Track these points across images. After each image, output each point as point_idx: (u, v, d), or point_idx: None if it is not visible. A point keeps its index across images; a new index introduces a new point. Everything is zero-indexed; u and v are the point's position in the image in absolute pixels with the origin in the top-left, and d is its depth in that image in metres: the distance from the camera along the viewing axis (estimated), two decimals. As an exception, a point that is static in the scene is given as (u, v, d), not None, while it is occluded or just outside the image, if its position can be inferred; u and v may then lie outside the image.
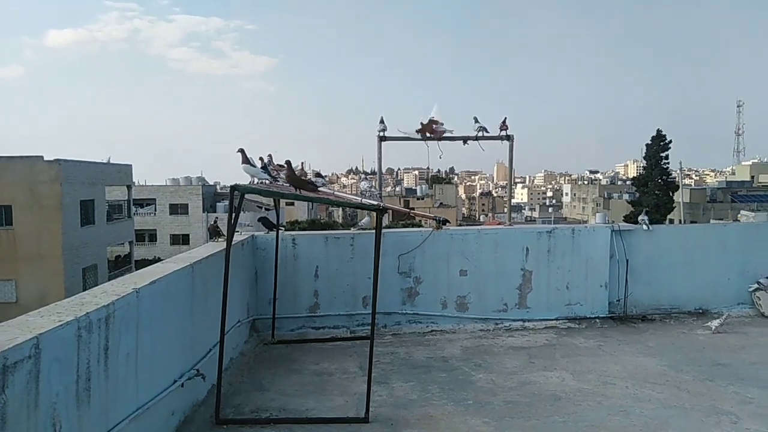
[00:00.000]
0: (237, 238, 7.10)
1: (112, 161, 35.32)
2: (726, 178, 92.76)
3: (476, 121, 8.44)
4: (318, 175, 6.07)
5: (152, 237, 52.70)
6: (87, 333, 3.10)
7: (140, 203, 50.95)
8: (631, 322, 7.91)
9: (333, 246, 7.74)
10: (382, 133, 7.95)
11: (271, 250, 7.43)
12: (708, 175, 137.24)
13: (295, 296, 7.62)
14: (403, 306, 7.73)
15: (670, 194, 58.31)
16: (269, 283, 7.39)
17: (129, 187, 36.11)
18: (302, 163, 6.68)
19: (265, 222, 7.54)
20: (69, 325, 2.93)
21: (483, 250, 7.81)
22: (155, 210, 53.63)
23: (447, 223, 7.91)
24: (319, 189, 6.45)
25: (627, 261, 7.97)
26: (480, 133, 8.31)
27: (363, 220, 8.22)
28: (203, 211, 53.66)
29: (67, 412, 2.90)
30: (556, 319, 7.86)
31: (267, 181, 5.91)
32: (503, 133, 7.97)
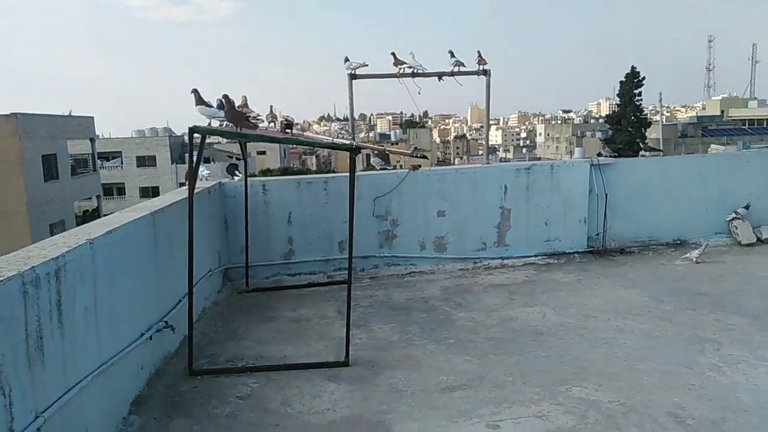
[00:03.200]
0: (203, 185, 6.77)
1: (72, 114, 33.97)
2: (696, 113, 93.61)
3: (452, 55, 8.09)
4: (288, 122, 5.67)
5: (120, 190, 51.53)
6: (34, 288, 2.82)
7: (106, 156, 49.48)
8: (610, 256, 7.87)
9: (306, 191, 7.44)
10: (352, 71, 7.55)
11: (241, 197, 7.11)
12: (679, 111, 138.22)
13: (268, 243, 7.36)
14: (381, 249, 7.54)
15: (643, 131, 58.75)
16: (240, 231, 7.11)
17: (92, 140, 34.86)
18: (271, 107, 6.27)
19: (231, 169, 7.20)
20: (11, 281, 2.64)
21: (461, 190, 7.60)
22: (122, 163, 52.25)
23: (420, 168, 7.65)
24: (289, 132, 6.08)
25: (606, 195, 7.85)
26: (456, 68, 7.98)
27: (373, 160, 7.97)
28: (171, 163, 52.48)
29: (16, 373, 2.65)
30: (536, 256, 7.78)
31: (226, 123, 5.51)
32: (481, 67, 7.63)
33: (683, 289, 6.40)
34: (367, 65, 7.52)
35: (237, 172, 7.42)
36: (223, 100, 5.28)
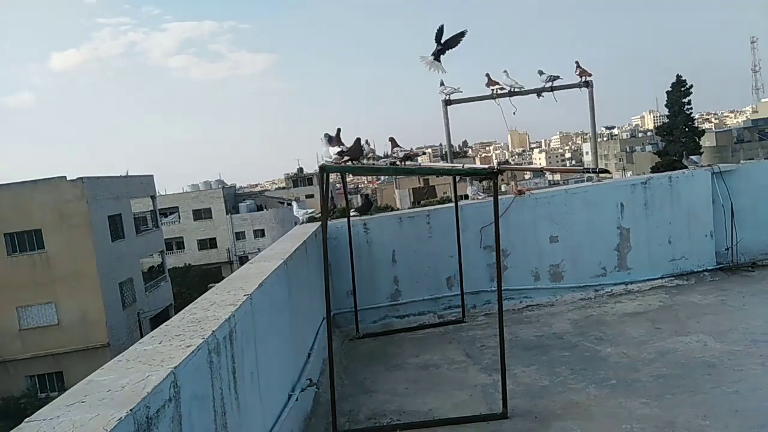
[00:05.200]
0: (310, 228, 6.48)
1: (130, 174, 35.00)
2: (748, 117, 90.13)
3: (541, 73, 7.69)
4: (407, 154, 5.30)
5: (179, 244, 52.56)
6: (216, 356, 2.47)
7: (163, 213, 50.74)
8: (744, 272, 7.16)
9: (408, 227, 7.07)
10: (447, 97, 7.22)
11: (343, 238, 6.79)
12: (727, 116, 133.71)
13: (373, 285, 6.97)
14: (492, 282, 7.03)
15: (697, 140, 56.78)
16: (344, 273, 6.75)
17: (153, 198, 35.73)
18: (392, 139, 5.94)
19: (365, 208, 7.11)
20: (200, 350, 2.29)
21: (573, 212, 7.08)
22: (179, 217, 53.47)
23: (527, 192, 7.17)
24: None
25: (732, 205, 7.18)
26: (549, 84, 7.55)
27: (468, 188, 7.56)
28: (226, 213, 53.43)
29: (211, 459, 2.28)
30: (662, 278, 7.12)
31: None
32: (583, 79, 7.17)
33: None
34: (461, 91, 7.18)
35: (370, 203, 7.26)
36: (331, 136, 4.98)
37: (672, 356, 4.98)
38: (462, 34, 5.52)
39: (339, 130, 4.88)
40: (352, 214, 7.84)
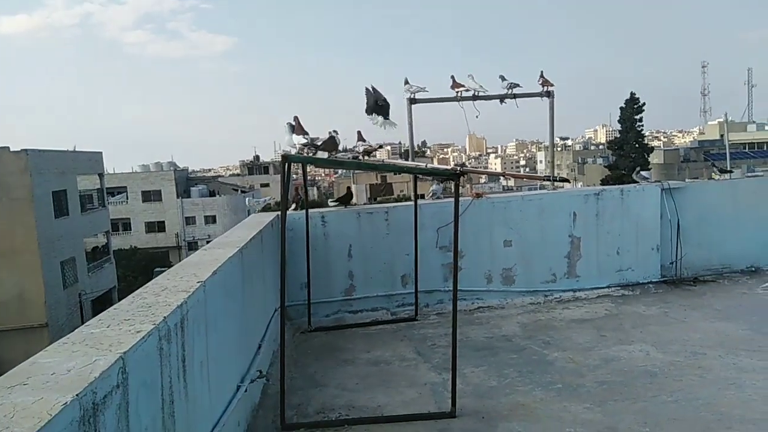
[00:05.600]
0: (266, 217, 6.37)
1: (77, 150, 33.65)
2: (695, 137, 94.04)
3: (503, 79, 7.77)
4: (367, 149, 5.28)
5: (126, 226, 50.93)
6: (167, 343, 2.39)
7: (111, 192, 49.04)
8: (686, 286, 7.43)
9: (366, 222, 7.04)
10: (412, 95, 7.21)
11: (300, 230, 6.70)
12: (676, 135, 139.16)
13: (327, 279, 6.92)
14: (446, 282, 7.09)
15: (646, 156, 58.83)
16: (299, 266, 6.66)
17: (101, 175, 34.45)
18: (359, 132, 5.89)
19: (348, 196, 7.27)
20: (150, 336, 2.20)
21: (527, 218, 7.20)
22: (127, 198, 51.80)
23: (484, 195, 7.27)
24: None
25: (678, 221, 7.46)
26: (510, 91, 7.64)
27: (432, 188, 7.59)
28: (177, 197, 52.07)
29: (157, 448, 2.20)
30: (608, 287, 7.33)
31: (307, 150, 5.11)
32: (545, 89, 7.29)
33: (784, 321, 5.95)
34: (427, 90, 7.19)
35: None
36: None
37: (616, 364, 5.13)
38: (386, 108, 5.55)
39: (296, 118, 4.80)
40: (332, 203, 7.76)
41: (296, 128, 4.60)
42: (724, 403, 4.23)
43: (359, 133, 5.40)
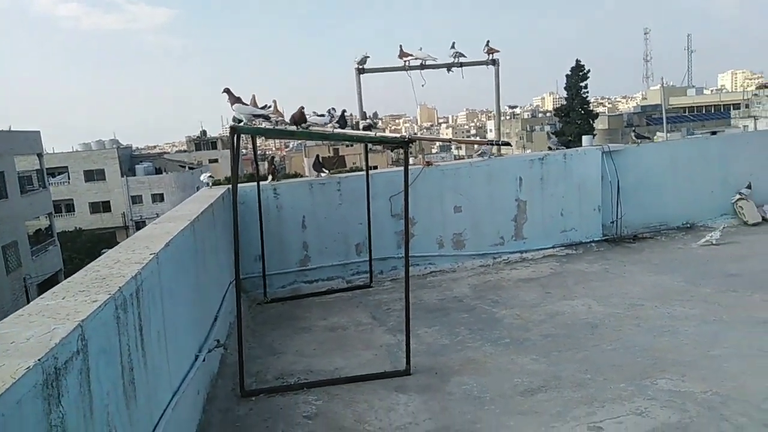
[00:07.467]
0: (216, 191, 6.34)
1: (13, 129, 32.04)
2: (638, 103, 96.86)
3: (452, 46, 7.88)
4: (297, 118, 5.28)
5: (69, 207, 49.12)
6: (123, 313, 2.43)
7: (51, 173, 47.05)
8: (626, 243, 7.84)
9: (319, 193, 7.10)
10: (360, 66, 7.23)
11: (252, 203, 6.71)
12: (620, 101, 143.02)
13: (282, 250, 6.98)
14: (399, 250, 7.25)
15: (591, 122, 60.30)
16: (252, 238, 6.69)
17: (40, 156, 32.96)
18: (275, 102, 5.84)
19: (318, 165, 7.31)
20: (107, 306, 2.24)
21: (476, 184, 7.41)
22: (69, 178, 49.83)
23: (433, 163, 7.41)
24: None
25: (618, 182, 7.81)
26: (458, 60, 7.77)
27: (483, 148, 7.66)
28: (122, 176, 50.42)
29: (119, 413, 2.27)
30: (553, 247, 7.66)
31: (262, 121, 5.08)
32: (490, 57, 7.43)
33: (713, 272, 6.38)
34: (369, 56, 7.21)
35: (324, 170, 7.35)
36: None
37: (560, 318, 5.42)
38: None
39: (228, 89, 4.74)
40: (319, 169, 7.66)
41: (232, 99, 4.55)
42: (658, 348, 4.55)
43: (302, 108, 5.37)
